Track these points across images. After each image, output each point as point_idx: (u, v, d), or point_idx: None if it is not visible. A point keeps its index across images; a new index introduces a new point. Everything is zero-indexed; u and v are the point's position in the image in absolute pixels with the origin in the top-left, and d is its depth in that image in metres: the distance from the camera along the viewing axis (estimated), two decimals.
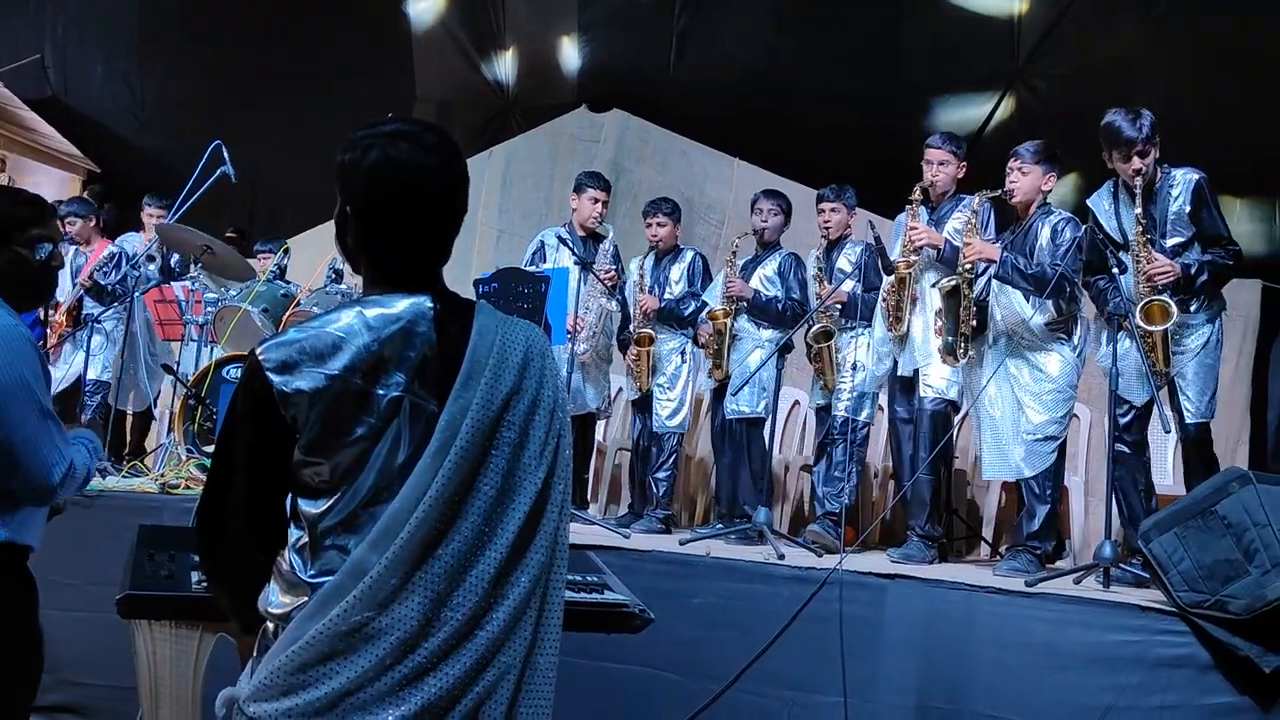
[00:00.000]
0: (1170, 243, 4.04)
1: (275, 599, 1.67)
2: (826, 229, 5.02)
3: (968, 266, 4.32)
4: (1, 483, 2.22)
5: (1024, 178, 4.38)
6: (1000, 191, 4.41)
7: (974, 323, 4.32)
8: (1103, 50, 6.85)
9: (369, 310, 1.66)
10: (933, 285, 4.44)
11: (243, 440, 1.67)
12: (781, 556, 4.12)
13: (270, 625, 1.68)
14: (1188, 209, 4.01)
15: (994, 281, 4.39)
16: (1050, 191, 4.41)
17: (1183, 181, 4.04)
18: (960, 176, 4.70)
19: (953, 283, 4.33)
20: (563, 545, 1.72)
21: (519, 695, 1.65)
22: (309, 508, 1.65)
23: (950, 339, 4.32)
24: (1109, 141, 4.07)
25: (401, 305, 1.67)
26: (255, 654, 1.70)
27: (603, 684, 3.95)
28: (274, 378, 1.61)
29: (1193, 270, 3.97)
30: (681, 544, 4.41)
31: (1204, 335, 4.04)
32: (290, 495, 1.69)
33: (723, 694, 3.84)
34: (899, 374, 4.66)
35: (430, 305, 1.68)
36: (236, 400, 1.68)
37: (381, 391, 1.62)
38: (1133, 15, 6.73)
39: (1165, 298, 3.94)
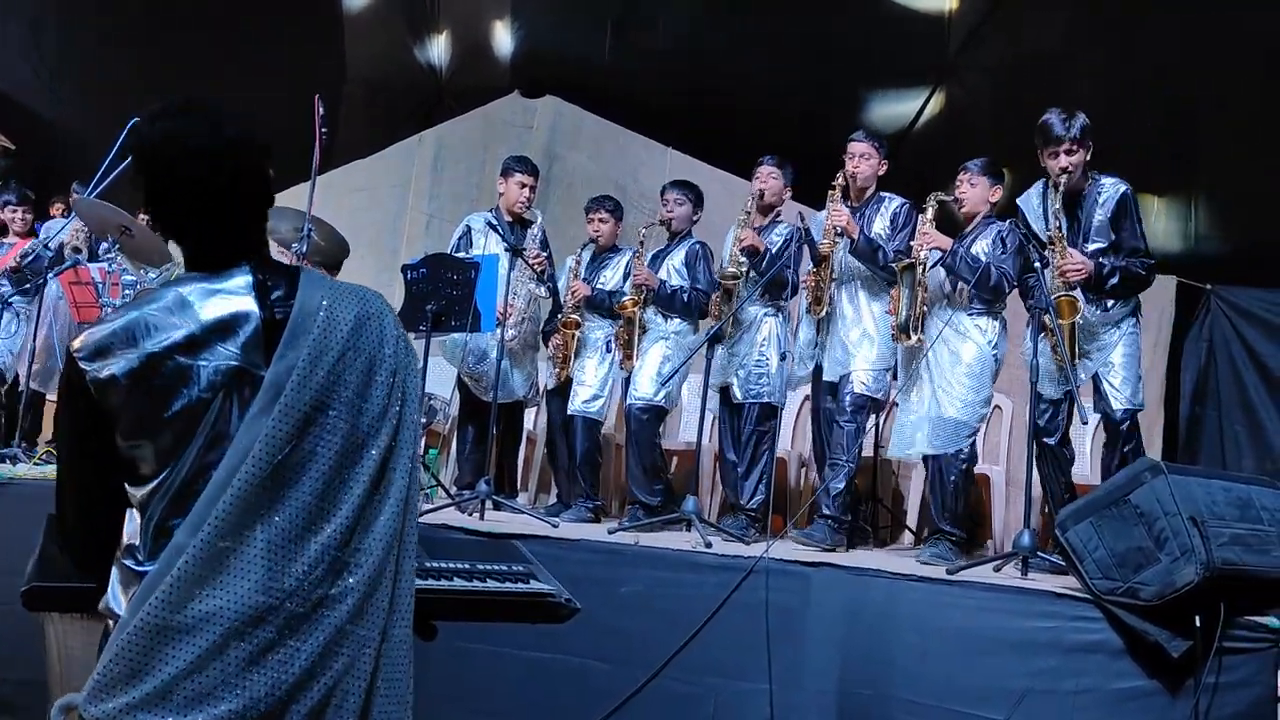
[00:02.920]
0: (1090, 248, 4.18)
1: (115, 596, 1.62)
2: (763, 188, 4.96)
3: (922, 255, 4.40)
4: None
5: (972, 189, 4.55)
6: (950, 199, 4.55)
7: (924, 307, 4.39)
8: (1031, 48, 6.97)
9: (185, 287, 1.63)
10: (891, 262, 4.52)
11: (69, 434, 1.67)
12: (709, 545, 4.15)
13: (110, 623, 1.63)
14: (1109, 217, 4.14)
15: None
16: (996, 203, 4.54)
17: (1110, 190, 4.16)
18: (882, 173, 4.77)
19: (907, 261, 4.42)
20: (413, 510, 1.68)
21: (378, 670, 1.59)
22: (137, 492, 1.60)
23: (907, 315, 4.38)
24: (1041, 138, 4.20)
25: (220, 280, 1.65)
26: (98, 655, 1.63)
27: (530, 674, 3.94)
28: (86, 366, 1.58)
29: (1105, 270, 4.11)
30: (610, 533, 4.41)
31: (1121, 330, 4.17)
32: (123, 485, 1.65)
33: (649, 682, 3.85)
34: (824, 379, 4.74)
35: (249, 276, 1.66)
36: (60, 397, 1.66)
37: (203, 364, 1.58)
38: (1061, 13, 6.86)
39: (1075, 293, 4.08)
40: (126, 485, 1.62)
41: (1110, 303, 4.17)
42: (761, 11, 7.51)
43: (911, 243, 4.52)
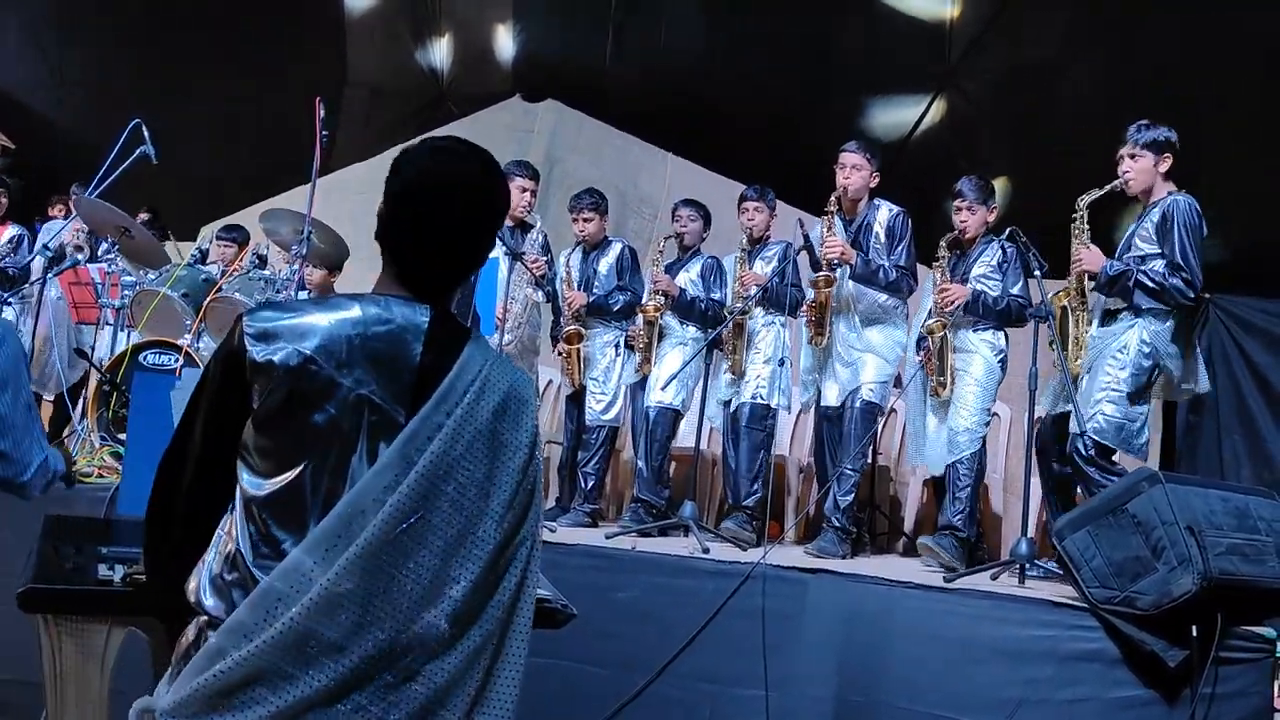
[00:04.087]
0: (1133, 253, 4.10)
1: (206, 590, 1.60)
2: (750, 227, 5.07)
3: (947, 311, 4.45)
4: None
5: (972, 216, 4.58)
6: (955, 234, 4.61)
7: (955, 362, 4.48)
8: (1031, 54, 6.99)
9: (366, 308, 1.64)
10: (921, 327, 4.57)
11: (209, 396, 1.66)
12: (706, 551, 4.15)
13: (194, 629, 1.60)
14: (1155, 228, 4.05)
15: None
16: (994, 223, 4.60)
17: (1164, 202, 4.07)
18: (873, 184, 4.74)
19: (939, 328, 4.45)
20: (527, 600, 1.65)
21: None
22: (252, 489, 1.59)
23: (941, 377, 4.45)
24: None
25: (397, 310, 1.65)
26: (179, 656, 1.61)
27: (526, 679, 3.92)
28: (250, 343, 1.59)
29: (1112, 270, 4.04)
30: (608, 538, 4.41)
31: (1112, 352, 4.03)
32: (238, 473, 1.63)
33: (646, 688, 3.84)
34: (823, 404, 4.76)
35: (425, 320, 1.65)
36: (215, 354, 1.68)
37: (348, 384, 1.58)
38: (1061, 15, 6.87)
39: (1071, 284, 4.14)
40: (244, 477, 1.60)
41: (1119, 317, 4.08)
42: (762, 17, 7.53)
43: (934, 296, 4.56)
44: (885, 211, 4.72)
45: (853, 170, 4.67)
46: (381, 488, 1.53)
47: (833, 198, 4.70)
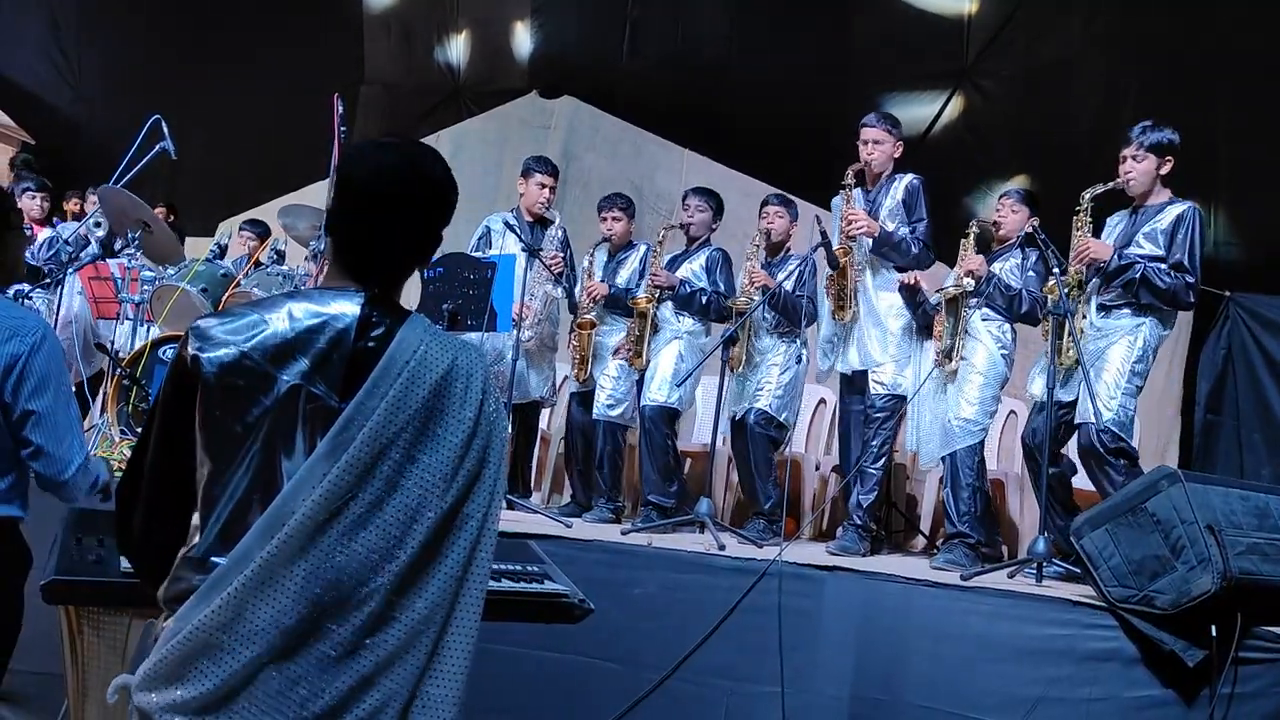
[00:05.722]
0: (1135, 250, 4.10)
1: (173, 588, 1.66)
2: (769, 229, 5.02)
3: (967, 284, 4.44)
4: (16, 465, 2.38)
5: (1014, 216, 4.60)
6: (989, 223, 4.64)
7: (968, 331, 4.45)
8: (1050, 52, 6.95)
9: (298, 302, 1.68)
10: (937, 291, 4.54)
11: (164, 405, 1.70)
12: (722, 547, 4.15)
13: (166, 611, 1.67)
14: (1164, 230, 4.07)
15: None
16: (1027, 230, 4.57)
17: (1173, 208, 4.11)
18: (897, 156, 4.70)
19: (954, 291, 4.44)
20: (476, 575, 1.66)
21: None
22: (202, 486, 1.65)
23: (950, 342, 4.43)
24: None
25: (331, 302, 1.68)
26: (154, 641, 1.68)
27: (542, 674, 3.94)
28: (193, 346, 1.64)
29: (1123, 261, 4.04)
30: (623, 534, 4.41)
31: (1123, 345, 4.05)
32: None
33: (661, 684, 3.85)
34: (840, 370, 4.73)
35: (359, 307, 1.68)
36: (168, 372, 1.72)
37: (285, 377, 1.62)
38: (1077, 21, 6.85)
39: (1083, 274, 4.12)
40: (196, 478, 1.66)
41: (1120, 311, 4.10)
42: (778, 13, 7.51)
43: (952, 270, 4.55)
44: (902, 183, 4.67)
45: (875, 145, 4.63)
46: (321, 475, 1.58)
47: (850, 171, 4.66)
